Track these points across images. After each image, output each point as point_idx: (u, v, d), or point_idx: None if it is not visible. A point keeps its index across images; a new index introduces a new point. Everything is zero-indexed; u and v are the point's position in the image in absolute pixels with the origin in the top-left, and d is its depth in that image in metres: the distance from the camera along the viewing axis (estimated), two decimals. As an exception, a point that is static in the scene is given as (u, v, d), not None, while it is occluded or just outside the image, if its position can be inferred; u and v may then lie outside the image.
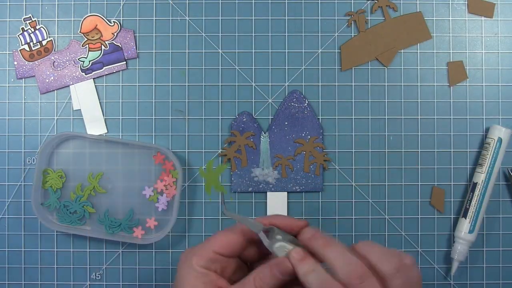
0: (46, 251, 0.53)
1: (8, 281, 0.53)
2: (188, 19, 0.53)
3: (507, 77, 0.54)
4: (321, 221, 0.53)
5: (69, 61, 0.53)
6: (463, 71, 0.54)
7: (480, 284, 0.53)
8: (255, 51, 0.53)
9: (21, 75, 0.53)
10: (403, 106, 0.53)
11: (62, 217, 0.52)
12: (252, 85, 0.53)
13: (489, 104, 0.54)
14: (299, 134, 0.53)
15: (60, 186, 0.52)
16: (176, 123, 0.53)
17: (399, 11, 0.54)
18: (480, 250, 0.53)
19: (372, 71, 0.53)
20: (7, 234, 0.53)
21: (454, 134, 0.53)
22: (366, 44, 0.53)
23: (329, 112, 0.53)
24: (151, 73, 0.53)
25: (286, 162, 0.53)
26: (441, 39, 0.54)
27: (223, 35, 0.53)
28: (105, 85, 0.53)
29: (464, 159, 0.53)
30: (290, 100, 0.53)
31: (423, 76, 0.54)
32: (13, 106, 0.53)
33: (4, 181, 0.53)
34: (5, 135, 0.53)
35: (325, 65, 0.53)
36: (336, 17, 0.54)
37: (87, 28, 0.53)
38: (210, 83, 0.53)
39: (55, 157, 0.53)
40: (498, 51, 0.54)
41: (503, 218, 0.53)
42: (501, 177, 0.53)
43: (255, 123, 0.53)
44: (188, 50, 0.53)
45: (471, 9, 0.54)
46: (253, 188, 0.53)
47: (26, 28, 0.53)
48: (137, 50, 0.53)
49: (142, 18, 0.53)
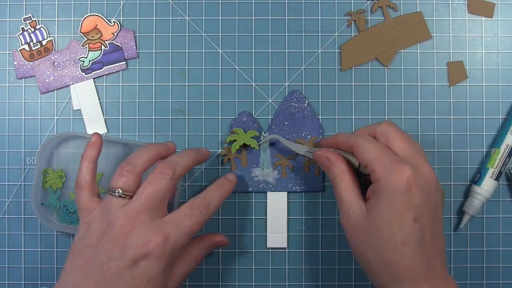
0: (46, 251, 0.53)
1: (8, 281, 0.53)
2: (188, 19, 0.53)
3: (507, 77, 0.54)
4: (321, 221, 0.53)
5: (69, 61, 0.53)
6: (463, 71, 0.54)
7: (480, 284, 0.53)
8: (255, 51, 0.53)
9: (21, 75, 0.53)
10: (403, 106, 0.53)
11: (62, 217, 0.52)
12: (252, 85, 0.53)
13: (489, 104, 0.54)
14: (299, 134, 0.53)
15: (60, 186, 0.52)
16: (176, 123, 0.53)
17: (399, 11, 0.54)
18: (480, 250, 0.53)
19: (372, 71, 0.53)
20: (7, 234, 0.53)
21: (454, 134, 0.53)
22: (366, 44, 0.53)
23: (329, 112, 0.53)
24: (151, 73, 0.53)
25: (286, 162, 0.53)
26: (441, 39, 0.54)
27: (223, 35, 0.53)
28: (105, 85, 0.53)
29: (464, 159, 0.53)
30: (290, 100, 0.53)
31: (423, 76, 0.54)
32: (13, 106, 0.53)
33: (4, 181, 0.53)
34: (5, 135, 0.53)
35: (325, 65, 0.53)
36: (336, 17, 0.54)
37: (87, 28, 0.53)
38: (210, 83, 0.53)
39: (55, 157, 0.53)
40: (498, 51, 0.54)
41: (503, 218, 0.53)
42: (502, 177, 0.53)
43: (255, 123, 0.53)
44: (188, 50, 0.53)
45: (471, 9, 0.54)
46: (253, 188, 0.53)
47: (26, 28, 0.53)
48: (137, 50, 0.53)
49: (142, 18, 0.53)
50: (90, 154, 0.46)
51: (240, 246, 0.53)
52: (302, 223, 0.53)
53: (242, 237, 0.53)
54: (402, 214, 0.40)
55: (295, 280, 0.53)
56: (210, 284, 0.53)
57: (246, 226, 0.53)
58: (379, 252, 0.40)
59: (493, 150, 0.52)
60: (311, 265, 0.53)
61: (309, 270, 0.53)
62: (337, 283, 0.53)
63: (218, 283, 0.53)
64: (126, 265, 0.41)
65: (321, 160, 0.46)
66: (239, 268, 0.53)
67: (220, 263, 0.53)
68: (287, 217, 0.53)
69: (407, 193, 0.40)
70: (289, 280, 0.53)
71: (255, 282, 0.53)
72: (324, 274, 0.53)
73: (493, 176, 0.52)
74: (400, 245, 0.40)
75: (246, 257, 0.53)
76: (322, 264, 0.53)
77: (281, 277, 0.53)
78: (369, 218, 0.41)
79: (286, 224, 0.53)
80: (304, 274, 0.53)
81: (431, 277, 0.40)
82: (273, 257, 0.53)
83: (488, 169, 0.52)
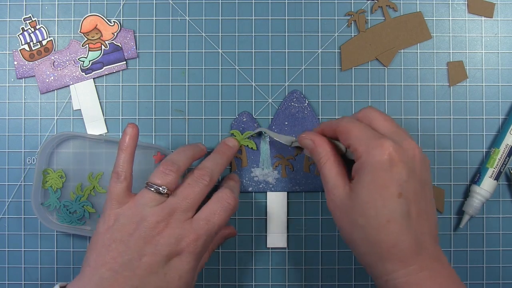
0: (46, 251, 0.53)
1: (8, 281, 0.53)
2: (188, 19, 0.54)
3: (507, 77, 0.54)
4: (321, 221, 0.53)
5: (69, 61, 0.53)
6: (463, 71, 0.54)
7: (480, 284, 0.53)
8: (255, 51, 0.53)
9: (21, 75, 0.53)
10: (403, 106, 0.53)
11: (62, 217, 0.52)
12: (252, 85, 0.53)
13: (489, 104, 0.54)
14: (299, 134, 0.53)
15: (60, 186, 0.52)
16: (176, 123, 0.53)
17: (399, 11, 0.54)
18: (480, 250, 0.53)
19: (372, 71, 0.54)
20: (7, 234, 0.53)
21: (454, 134, 0.53)
22: (366, 44, 0.53)
23: (329, 112, 0.53)
24: (151, 73, 0.53)
25: (286, 162, 0.53)
26: (441, 39, 0.54)
27: (223, 35, 0.53)
28: (105, 85, 0.53)
29: (464, 159, 0.53)
30: (290, 100, 0.53)
31: (423, 76, 0.54)
32: (13, 106, 0.53)
33: (4, 181, 0.53)
34: (5, 135, 0.53)
35: (325, 65, 0.53)
36: (336, 17, 0.54)
37: (87, 28, 0.53)
38: (210, 83, 0.53)
39: (55, 157, 0.53)
40: (498, 51, 0.54)
41: (503, 218, 0.53)
42: (501, 177, 0.53)
43: (255, 123, 0.53)
44: (188, 50, 0.53)
45: (471, 9, 0.54)
46: (253, 188, 0.53)
47: (26, 28, 0.53)
48: (137, 50, 0.53)
49: (142, 18, 0.53)
50: (128, 144, 0.45)
51: (240, 246, 0.53)
52: (302, 223, 0.53)
53: (242, 237, 0.53)
54: (386, 190, 0.39)
55: (295, 280, 0.53)
56: (210, 284, 0.53)
57: (246, 226, 0.53)
58: (364, 231, 0.39)
59: (493, 150, 0.52)
60: (311, 265, 0.53)
61: (309, 270, 0.53)
62: (337, 283, 0.53)
63: (218, 283, 0.53)
64: (158, 262, 0.42)
65: (305, 142, 0.45)
66: (239, 268, 0.53)
67: (220, 263, 0.53)
68: (287, 217, 0.53)
69: (389, 168, 0.39)
70: (289, 280, 0.53)
71: (255, 282, 0.53)
72: (324, 274, 0.53)
73: (492, 176, 0.52)
74: (385, 223, 0.38)
75: (246, 257, 0.53)
76: (322, 264, 0.53)
77: (281, 277, 0.53)
78: (353, 197, 0.40)
79: (286, 224, 0.53)
80: (304, 274, 0.53)
81: (420, 254, 0.39)
82: (273, 257, 0.53)
83: (487, 169, 0.52)
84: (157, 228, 0.42)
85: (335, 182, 0.42)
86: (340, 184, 0.41)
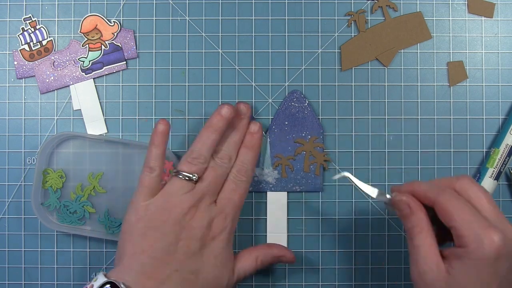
0: (46, 251, 0.53)
1: (8, 281, 0.53)
2: (188, 19, 0.54)
3: (507, 77, 0.54)
4: (321, 221, 0.53)
5: (69, 61, 0.53)
6: (463, 71, 0.54)
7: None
8: (255, 51, 0.53)
9: (21, 75, 0.53)
10: (403, 106, 0.53)
11: (62, 217, 0.52)
12: (252, 85, 0.53)
13: (489, 104, 0.54)
14: (299, 134, 0.53)
15: (60, 186, 0.52)
16: (176, 123, 0.53)
17: (399, 11, 0.54)
18: (480, 250, 0.53)
19: (372, 71, 0.54)
20: (7, 234, 0.53)
21: (454, 134, 0.53)
22: (366, 44, 0.53)
23: (329, 112, 0.53)
24: (151, 73, 0.53)
25: (286, 162, 0.53)
26: (441, 39, 0.54)
27: (223, 35, 0.53)
28: (105, 85, 0.53)
29: (464, 159, 0.53)
30: (290, 100, 0.53)
31: (423, 76, 0.54)
32: (13, 106, 0.53)
33: (4, 181, 0.53)
34: (5, 135, 0.53)
35: (325, 65, 0.53)
36: (336, 17, 0.54)
37: (87, 28, 0.53)
38: (210, 83, 0.53)
39: (55, 157, 0.53)
40: (498, 51, 0.54)
41: (503, 218, 0.53)
42: (501, 177, 0.53)
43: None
44: (188, 50, 0.53)
45: (471, 9, 0.54)
46: (253, 188, 0.53)
47: (26, 28, 0.53)
48: (137, 50, 0.53)
49: (142, 18, 0.53)
50: (161, 141, 0.47)
51: (240, 246, 0.53)
52: (302, 223, 0.53)
53: (242, 237, 0.53)
54: (487, 284, 0.38)
55: (295, 280, 0.53)
56: (210, 284, 0.53)
57: (246, 226, 0.53)
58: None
59: (493, 150, 0.52)
60: (311, 265, 0.53)
61: (309, 270, 0.53)
62: (337, 283, 0.53)
63: (218, 283, 0.53)
64: (194, 245, 0.44)
65: (401, 206, 0.42)
66: (239, 268, 0.53)
67: (220, 263, 0.53)
68: (287, 217, 0.53)
69: (494, 263, 0.38)
70: (289, 280, 0.53)
71: (255, 282, 0.53)
72: (324, 274, 0.53)
73: (492, 176, 0.52)
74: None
75: (246, 257, 0.53)
76: (322, 264, 0.53)
77: (281, 277, 0.53)
78: (451, 284, 0.39)
79: (286, 224, 0.53)
80: (304, 274, 0.53)
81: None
82: (273, 257, 0.53)
83: (487, 169, 0.52)
84: (189, 213, 0.45)
85: (428, 257, 0.40)
86: (434, 261, 0.40)
